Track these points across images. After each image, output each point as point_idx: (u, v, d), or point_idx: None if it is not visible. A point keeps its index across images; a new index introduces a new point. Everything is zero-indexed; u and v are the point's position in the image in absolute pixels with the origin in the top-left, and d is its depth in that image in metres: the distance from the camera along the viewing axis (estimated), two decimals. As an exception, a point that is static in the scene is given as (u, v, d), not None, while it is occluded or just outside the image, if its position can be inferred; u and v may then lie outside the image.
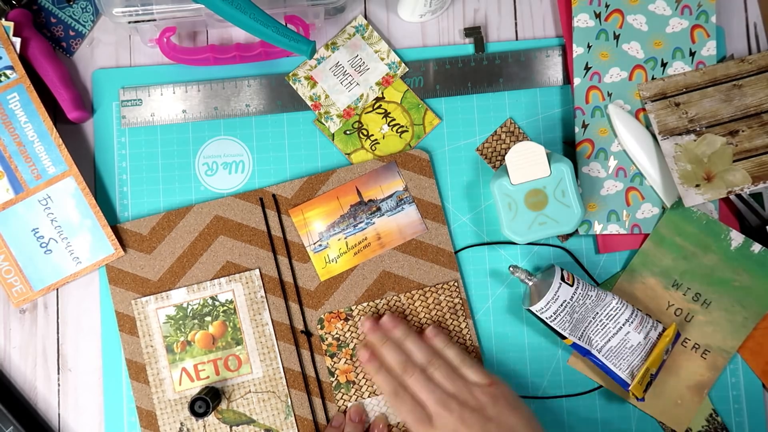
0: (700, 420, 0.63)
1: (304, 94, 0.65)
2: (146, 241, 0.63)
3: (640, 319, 0.59)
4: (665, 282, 0.63)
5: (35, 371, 0.64)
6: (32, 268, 0.63)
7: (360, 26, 0.66)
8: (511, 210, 0.59)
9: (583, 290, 0.59)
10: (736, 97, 0.63)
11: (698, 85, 0.63)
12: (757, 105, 0.62)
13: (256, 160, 0.66)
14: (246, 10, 0.55)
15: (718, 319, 0.63)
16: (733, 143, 0.62)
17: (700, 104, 0.63)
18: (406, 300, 0.63)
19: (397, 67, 0.66)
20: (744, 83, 0.63)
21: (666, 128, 0.63)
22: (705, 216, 0.63)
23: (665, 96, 0.63)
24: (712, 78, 0.63)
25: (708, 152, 0.62)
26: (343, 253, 0.63)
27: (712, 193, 0.62)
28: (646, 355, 0.59)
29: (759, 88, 0.62)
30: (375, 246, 0.63)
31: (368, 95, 0.65)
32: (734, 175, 0.62)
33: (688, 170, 0.62)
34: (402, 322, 0.61)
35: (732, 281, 0.63)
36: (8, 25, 0.62)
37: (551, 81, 0.66)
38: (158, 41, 0.64)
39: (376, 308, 0.62)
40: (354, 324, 0.62)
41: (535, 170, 0.59)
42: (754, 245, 0.62)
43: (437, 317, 0.62)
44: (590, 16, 0.65)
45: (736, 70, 0.63)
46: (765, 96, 0.62)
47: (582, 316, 0.59)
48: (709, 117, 0.63)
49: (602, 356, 0.59)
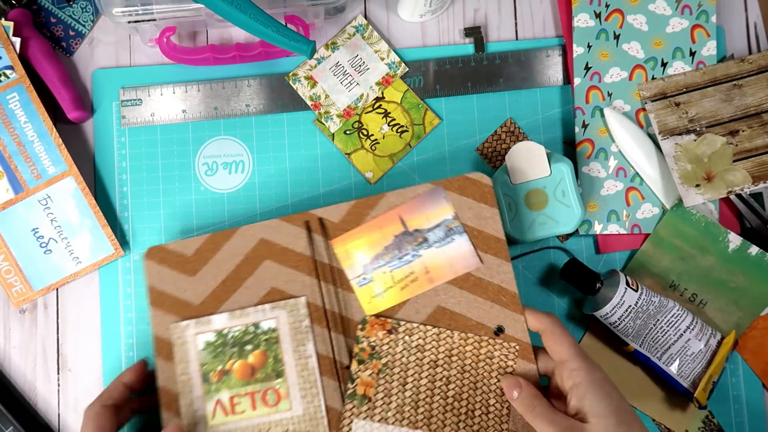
0: (697, 422, 0.62)
1: (304, 93, 0.65)
2: (190, 263, 0.58)
3: (700, 326, 0.59)
4: (663, 283, 0.63)
5: (35, 371, 0.64)
6: (32, 267, 0.63)
7: (360, 26, 0.66)
8: (511, 210, 0.59)
9: (647, 296, 0.58)
10: (737, 97, 0.63)
11: (698, 85, 0.63)
12: (757, 105, 0.62)
13: (256, 160, 0.66)
14: (246, 10, 0.55)
15: (713, 320, 0.63)
16: (733, 143, 0.62)
17: (700, 104, 0.63)
18: (459, 340, 0.57)
19: (397, 67, 0.66)
20: (744, 83, 0.63)
21: (666, 128, 0.63)
22: (704, 218, 0.63)
23: (665, 96, 0.63)
24: (712, 78, 0.63)
25: (708, 152, 0.62)
26: (389, 288, 0.57)
27: (713, 193, 0.62)
28: (707, 363, 0.58)
29: (759, 88, 0.62)
30: (423, 281, 0.57)
31: (368, 95, 0.65)
32: (734, 175, 0.62)
33: (688, 170, 0.62)
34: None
35: (728, 282, 0.63)
36: (8, 24, 0.62)
37: (551, 81, 0.66)
38: (158, 41, 0.64)
39: (425, 333, 0.57)
40: (396, 339, 0.57)
41: (536, 170, 0.59)
42: (752, 247, 0.62)
43: (482, 372, 0.57)
44: (590, 16, 0.65)
45: (736, 69, 0.63)
46: (765, 96, 0.62)
47: (644, 323, 0.58)
48: (710, 117, 0.63)
49: (663, 364, 0.59)
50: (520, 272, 0.65)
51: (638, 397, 0.63)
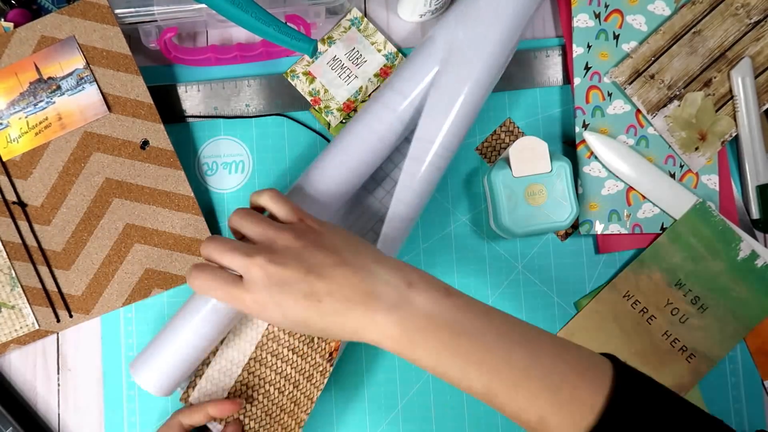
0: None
1: (303, 89, 0.65)
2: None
3: None
4: (670, 279, 0.63)
5: (35, 371, 0.63)
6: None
7: (355, 19, 0.66)
8: (510, 201, 0.60)
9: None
10: (699, 44, 0.63)
11: (663, 48, 0.64)
12: (719, 45, 0.63)
13: (256, 160, 0.66)
14: (248, 9, 0.55)
15: (710, 326, 0.63)
16: (711, 93, 0.63)
17: (671, 66, 0.63)
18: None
19: (395, 58, 0.66)
20: (701, 26, 0.63)
21: (651, 104, 0.63)
22: (722, 222, 0.63)
23: (639, 73, 0.64)
24: (673, 34, 0.64)
25: (693, 112, 0.63)
26: (25, 133, 0.60)
27: (711, 150, 0.63)
28: None
29: (716, 26, 0.63)
30: (56, 127, 0.60)
31: (367, 87, 0.66)
32: (721, 125, 0.63)
33: (684, 137, 0.63)
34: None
35: (731, 291, 0.63)
36: (8, 26, 0.62)
37: (551, 81, 0.66)
38: (159, 42, 0.64)
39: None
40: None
41: (537, 165, 0.59)
42: (759, 259, 0.63)
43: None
44: (590, 16, 0.65)
45: (691, 16, 0.63)
46: (723, 32, 0.63)
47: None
48: (683, 76, 0.63)
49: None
50: (520, 272, 0.65)
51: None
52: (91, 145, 0.61)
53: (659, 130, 0.63)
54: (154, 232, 0.62)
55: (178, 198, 0.62)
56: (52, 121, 0.60)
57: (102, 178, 0.61)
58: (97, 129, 0.61)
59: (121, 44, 0.61)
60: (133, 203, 0.62)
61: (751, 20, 0.63)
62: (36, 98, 0.60)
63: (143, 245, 0.62)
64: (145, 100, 0.62)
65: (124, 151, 0.62)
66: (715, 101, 0.63)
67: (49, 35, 0.61)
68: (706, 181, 0.64)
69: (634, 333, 0.63)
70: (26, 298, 0.61)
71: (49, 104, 0.60)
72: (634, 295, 0.63)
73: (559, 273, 0.65)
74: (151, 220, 0.62)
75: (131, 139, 0.62)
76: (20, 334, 0.62)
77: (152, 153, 0.62)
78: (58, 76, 0.60)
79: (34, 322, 0.62)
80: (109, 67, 0.61)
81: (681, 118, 0.63)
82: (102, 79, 0.61)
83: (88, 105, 0.61)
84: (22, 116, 0.60)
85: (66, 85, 0.60)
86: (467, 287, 0.64)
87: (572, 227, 0.65)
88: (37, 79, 0.60)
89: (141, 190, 0.62)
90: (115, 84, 0.61)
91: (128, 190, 0.62)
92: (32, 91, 0.60)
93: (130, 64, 0.61)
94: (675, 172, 0.64)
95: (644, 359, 0.63)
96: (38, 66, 0.59)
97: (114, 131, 0.62)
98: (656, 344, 0.63)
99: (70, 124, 0.61)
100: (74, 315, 0.62)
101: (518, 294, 0.65)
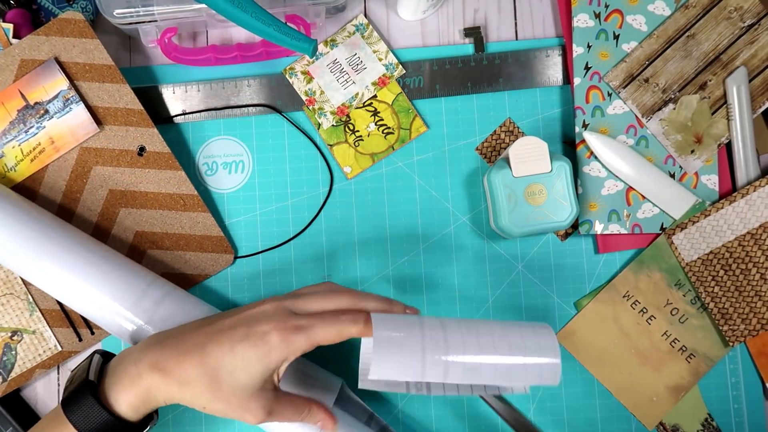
0: (695, 424, 0.63)
1: (300, 88, 0.65)
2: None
3: None
4: (670, 279, 0.63)
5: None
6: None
7: (360, 25, 0.66)
8: (510, 202, 0.60)
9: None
10: (694, 48, 0.63)
11: (657, 52, 0.64)
12: (714, 48, 0.63)
13: (256, 160, 0.66)
14: (248, 9, 0.55)
15: (710, 326, 0.63)
16: (706, 96, 0.63)
17: (666, 70, 0.63)
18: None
19: (394, 69, 0.66)
20: (695, 30, 0.63)
21: (645, 108, 0.63)
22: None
23: (633, 77, 0.64)
24: (666, 38, 0.64)
25: (689, 115, 0.63)
26: (20, 161, 0.61)
27: (707, 153, 0.63)
28: None
29: (710, 30, 0.63)
30: (50, 151, 0.61)
31: (363, 94, 0.66)
32: (717, 127, 0.63)
33: (679, 140, 0.63)
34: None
35: None
36: (8, 27, 0.62)
37: (551, 81, 0.66)
38: (159, 42, 0.64)
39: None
40: None
41: (537, 165, 0.59)
42: None
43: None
44: (590, 16, 0.65)
45: (684, 20, 0.63)
46: (717, 35, 0.63)
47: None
48: (678, 80, 0.63)
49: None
50: (520, 272, 0.65)
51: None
52: (90, 160, 0.61)
53: (654, 133, 0.63)
54: (164, 235, 0.62)
55: (182, 198, 0.62)
56: (45, 145, 0.60)
57: (106, 191, 0.62)
58: (93, 143, 0.62)
59: (102, 56, 0.61)
60: (140, 210, 0.62)
61: (744, 24, 0.63)
62: (26, 125, 0.60)
63: (155, 250, 0.62)
64: (135, 107, 0.62)
65: (123, 160, 0.62)
66: (710, 104, 0.63)
67: (28, 58, 0.61)
68: (705, 181, 0.64)
69: (634, 333, 0.63)
70: (46, 321, 0.61)
71: (40, 129, 0.60)
72: (634, 295, 0.63)
73: (559, 273, 0.65)
74: (159, 224, 0.62)
75: (127, 147, 0.62)
76: (44, 358, 0.61)
77: (150, 158, 0.62)
78: (44, 100, 0.60)
79: (56, 344, 0.61)
80: (94, 80, 0.61)
81: (676, 121, 0.63)
82: (89, 93, 0.61)
83: (77, 125, 0.61)
84: (15, 145, 0.61)
85: (53, 108, 0.60)
86: (467, 287, 0.64)
87: (572, 227, 0.65)
88: (24, 106, 0.60)
89: (145, 197, 0.62)
90: (103, 96, 0.61)
91: (133, 198, 0.62)
92: (21, 119, 0.60)
93: (114, 73, 0.61)
94: (675, 172, 0.64)
95: (644, 359, 0.63)
96: (23, 92, 0.60)
97: (110, 143, 0.62)
98: (656, 344, 0.63)
99: (63, 146, 0.61)
100: (95, 331, 0.62)
101: (518, 294, 0.65)
